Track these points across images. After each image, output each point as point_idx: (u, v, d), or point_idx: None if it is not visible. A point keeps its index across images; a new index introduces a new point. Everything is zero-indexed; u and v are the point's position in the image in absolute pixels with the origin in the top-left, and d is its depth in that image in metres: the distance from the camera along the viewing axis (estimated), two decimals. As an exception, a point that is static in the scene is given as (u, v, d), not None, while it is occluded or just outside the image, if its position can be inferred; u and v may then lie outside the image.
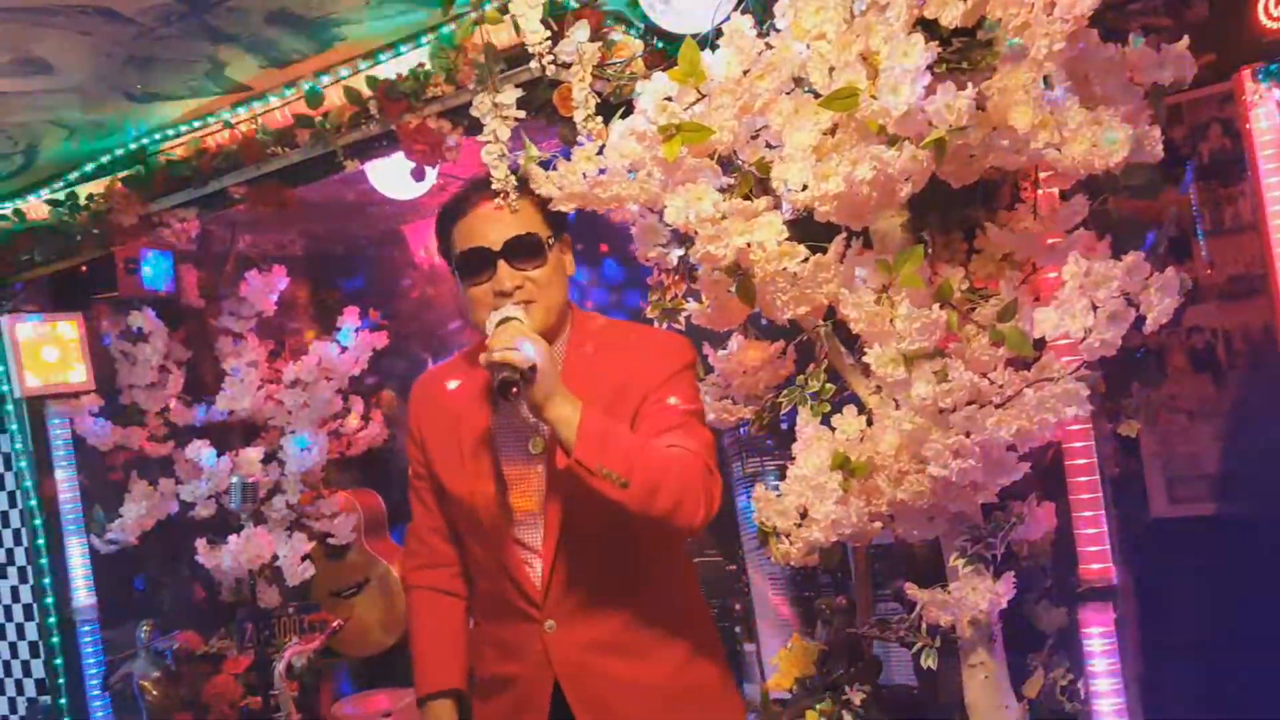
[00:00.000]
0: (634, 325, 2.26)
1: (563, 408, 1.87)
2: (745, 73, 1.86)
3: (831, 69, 1.74)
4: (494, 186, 2.10)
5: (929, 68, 1.65)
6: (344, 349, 4.42)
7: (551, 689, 2.05)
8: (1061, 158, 1.72)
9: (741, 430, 3.22)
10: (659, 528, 1.92)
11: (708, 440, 2.04)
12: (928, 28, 1.70)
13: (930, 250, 1.96)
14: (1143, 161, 1.85)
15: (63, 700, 4.01)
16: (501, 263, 2.02)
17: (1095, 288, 1.77)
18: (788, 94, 1.84)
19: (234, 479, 4.12)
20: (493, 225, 2.05)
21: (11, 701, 4.38)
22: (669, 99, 1.88)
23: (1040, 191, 1.98)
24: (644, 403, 2.03)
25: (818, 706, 2.54)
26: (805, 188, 1.74)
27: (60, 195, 3.67)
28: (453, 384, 2.20)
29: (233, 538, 4.11)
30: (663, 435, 1.98)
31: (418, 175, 2.86)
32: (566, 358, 2.09)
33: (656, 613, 2.09)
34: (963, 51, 1.76)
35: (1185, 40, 1.90)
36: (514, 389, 1.85)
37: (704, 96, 1.89)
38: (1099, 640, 2.22)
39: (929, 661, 2.09)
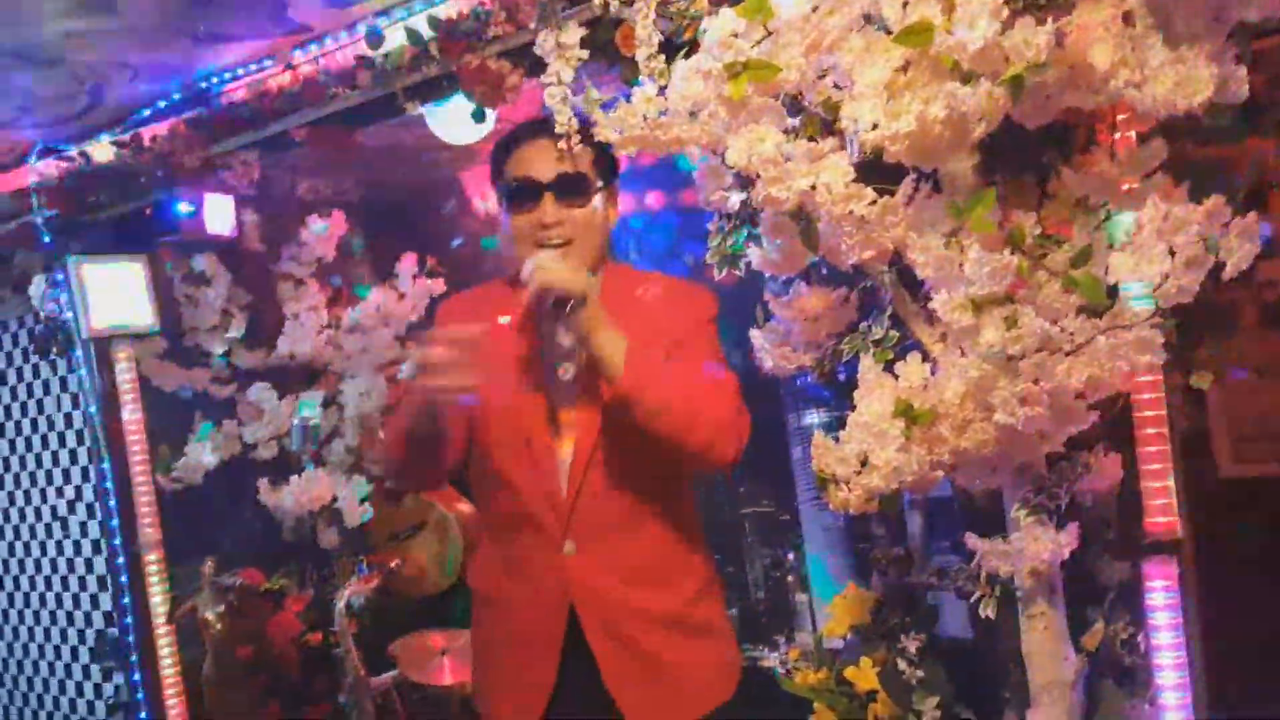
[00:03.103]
0: (662, 276, 2.29)
1: (610, 336, 1.93)
2: (814, 9, 1.82)
3: (905, 3, 1.69)
4: (557, 130, 2.12)
5: (1005, 2, 1.60)
6: (402, 295, 4.45)
7: (566, 613, 2.06)
8: (1142, 97, 1.67)
9: (799, 380, 3.20)
10: (693, 462, 1.99)
11: (735, 383, 2.08)
12: (1005, -40, 1.65)
13: (1002, 194, 1.92)
14: (1226, 104, 1.79)
15: (129, 633, 4.11)
16: (548, 196, 2.07)
17: (1174, 232, 1.73)
18: (858, 31, 1.80)
19: (295, 421, 4.19)
20: (545, 159, 2.10)
21: (81, 633, 4.51)
22: (735, 35, 1.85)
23: (1117, 135, 1.93)
24: (672, 350, 2.06)
25: (872, 654, 2.54)
26: (876, 127, 1.70)
27: (125, 137, 3.70)
28: (489, 307, 2.21)
29: (294, 478, 4.19)
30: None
31: (478, 116, 2.84)
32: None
33: (670, 545, 2.13)
34: (1041, -14, 1.71)
35: (1274, -24, 1.82)
36: (569, 306, 1.91)
37: (771, 34, 1.85)
38: (1162, 594, 2.18)
39: (989, 610, 2.08)
